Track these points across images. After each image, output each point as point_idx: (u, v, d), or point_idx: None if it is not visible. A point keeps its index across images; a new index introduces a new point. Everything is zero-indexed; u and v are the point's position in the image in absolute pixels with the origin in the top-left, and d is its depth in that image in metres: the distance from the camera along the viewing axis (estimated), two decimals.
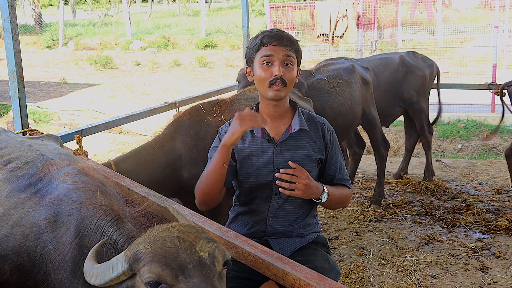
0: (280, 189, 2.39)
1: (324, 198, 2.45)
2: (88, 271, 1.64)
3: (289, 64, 2.44)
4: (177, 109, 4.74)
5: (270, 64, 2.43)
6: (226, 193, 2.57)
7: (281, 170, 2.38)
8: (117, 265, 1.58)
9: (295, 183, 2.35)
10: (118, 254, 1.68)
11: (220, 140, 2.55)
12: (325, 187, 2.45)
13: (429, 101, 6.15)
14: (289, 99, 2.59)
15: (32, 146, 2.39)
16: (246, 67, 2.58)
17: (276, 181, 2.39)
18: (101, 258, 1.74)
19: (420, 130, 6.13)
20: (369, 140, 5.61)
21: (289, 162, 2.40)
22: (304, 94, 4.50)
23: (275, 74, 2.40)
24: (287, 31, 2.58)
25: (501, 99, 5.70)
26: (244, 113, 2.33)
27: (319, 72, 4.84)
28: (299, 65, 2.53)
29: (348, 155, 6.02)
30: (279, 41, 2.42)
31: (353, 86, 4.88)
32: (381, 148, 5.37)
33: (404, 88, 5.87)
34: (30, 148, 2.35)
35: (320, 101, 4.59)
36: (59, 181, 2.02)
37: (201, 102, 3.92)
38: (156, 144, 3.63)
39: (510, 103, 5.62)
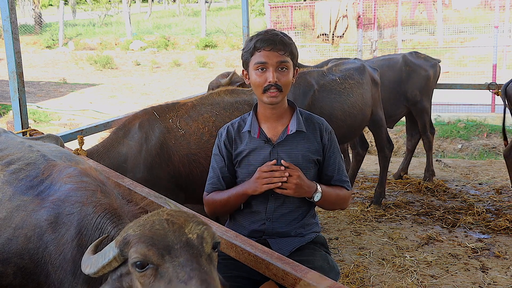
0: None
1: (317, 197, 2.45)
2: (84, 262, 1.67)
3: (284, 69, 2.42)
4: None
5: (264, 69, 2.41)
6: None
7: (273, 168, 2.39)
8: (109, 251, 1.60)
9: (286, 182, 2.36)
10: None
11: (218, 147, 2.58)
12: (318, 187, 2.45)
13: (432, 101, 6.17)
14: (288, 100, 2.58)
15: (33, 146, 2.37)
16: (243, 70, 2.57)
17: None
18: None
19: (422, 129, 6.15)
20: (370, 141, 5.60)
21: (282, 161, 2.41)
22: (313, 95, 4.49)
23: (269, 81, 2.39)
24: (284, 31, 2.56)
25: None
26: (265, 173, 2.37)
27: (332, 72, 4.79)
28: (295, 66, 2.51)
29: (350, 155, 6.02)
30: (272, 46, 2.39)
31: (365, 87, 4.87)
32: (385, 149, 5.38)
33: (407, 87, 5.90)
34: (31, 149, 2.34)
35: (331, 102, 4.58)
36: (61, 182, 2.02)
37: (156, 105, 3.74)
38: (103, 148, 3.53)
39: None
